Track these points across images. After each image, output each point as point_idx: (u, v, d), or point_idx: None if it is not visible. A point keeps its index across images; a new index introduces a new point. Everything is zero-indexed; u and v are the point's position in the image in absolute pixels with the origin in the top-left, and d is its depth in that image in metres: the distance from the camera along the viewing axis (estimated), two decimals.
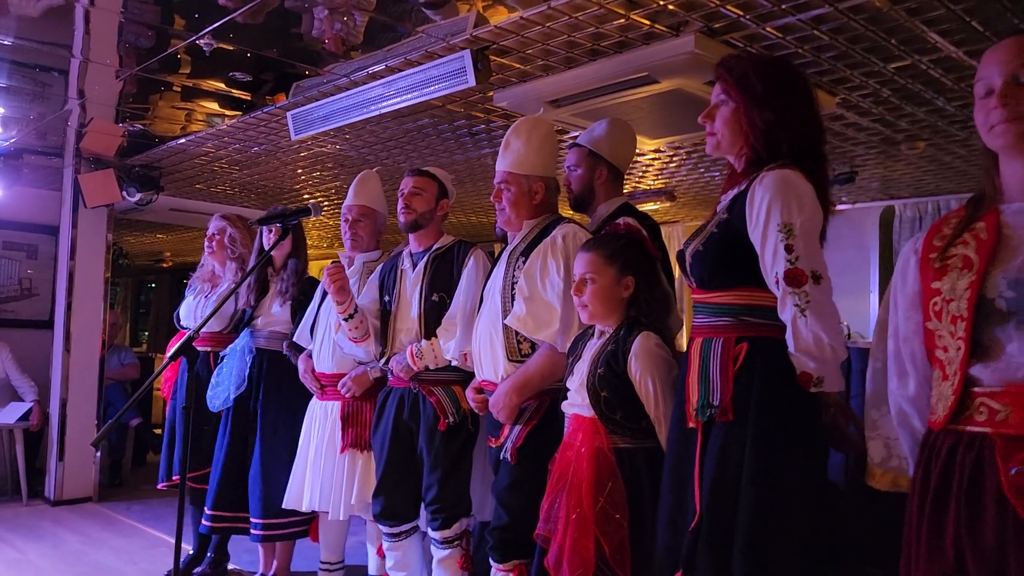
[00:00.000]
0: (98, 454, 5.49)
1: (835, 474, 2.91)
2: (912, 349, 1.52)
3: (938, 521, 1.34)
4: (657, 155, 4.93)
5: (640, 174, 5.52)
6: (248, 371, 3.51)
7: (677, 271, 2.85)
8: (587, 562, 2.00)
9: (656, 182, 5.76)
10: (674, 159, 5.02)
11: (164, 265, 12.09)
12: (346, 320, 2.90)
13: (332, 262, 3.00)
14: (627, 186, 5.64)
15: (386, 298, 2.99)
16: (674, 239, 7.29)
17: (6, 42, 3.56)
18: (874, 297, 6.23)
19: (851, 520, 2.87)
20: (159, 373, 2.51)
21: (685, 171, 5.34)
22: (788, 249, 1.74)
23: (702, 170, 5.26)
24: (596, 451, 2.07)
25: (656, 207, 6.27)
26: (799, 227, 1.74)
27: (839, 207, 6.50)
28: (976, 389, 1.32)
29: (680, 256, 1.99)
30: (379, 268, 3.12)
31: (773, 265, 1.76)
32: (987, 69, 1.39)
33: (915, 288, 1.50)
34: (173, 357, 2.39)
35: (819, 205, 1.83)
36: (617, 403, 2.08)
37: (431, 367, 2.81)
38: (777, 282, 1.76)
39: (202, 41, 3.26)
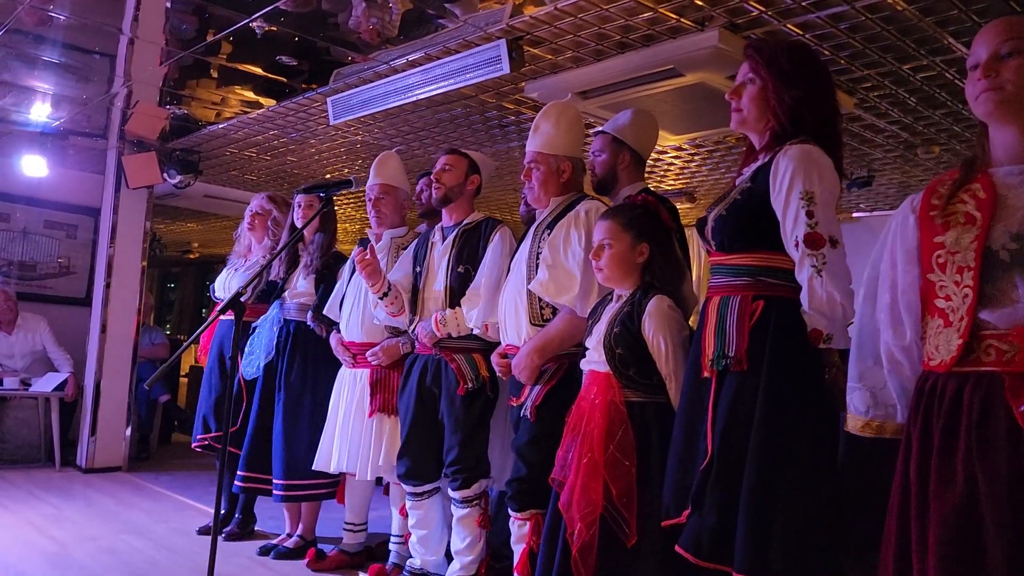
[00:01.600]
0: (128, 430, 5.68)
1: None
2: (909, 300, 1.63)
3: (947, 458, 1.43)
4: (678, 154, 5.09)
5: (661, 174, 5.68)
6: (276, 340, 3.71)
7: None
8: (595, 503, 2.14)
9: (677, 182, 5.91)
10: (695, 158, 5.18)
11: (191, 256, 12.37)
12: (381, 299, 3.09)
13: (357, 244, 3.18)
14: (648, 185, 5.80)
15: (417, 268, 3.16)
16: (694, 241, 7.39)
17: (61, 16, 3.77)
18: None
19: (856, 507, 2.99)
20: (208, 324, 2.68)
21: (706, 171, 5.49)
22: (809, 215, 1.89)
23: (723, 170, 5.41)
24: (609, 403, 2.22)
25: (678, 207, 6.41)
26: (819, 195, 1.90)
27: (857, 215, 6.63)
28: (984, 332, 1.43)
29: (701, 222, 2.14)
30: (415, 242, 3.30)
31: (794, 229, 1.91)
32: (976, 47, 1.54)
33: (914, 243, 1.62)
34: (222, 310, 2.57)
35: (837, 178, 1.98)
36: (631, 360, 2.23)
37: (453, 335, 2.97)
38: (797, 245, 1.90)
39: (255, 24, 3.45)
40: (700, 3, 2.96)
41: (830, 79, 2.12)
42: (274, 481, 3.60)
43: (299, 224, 3.69)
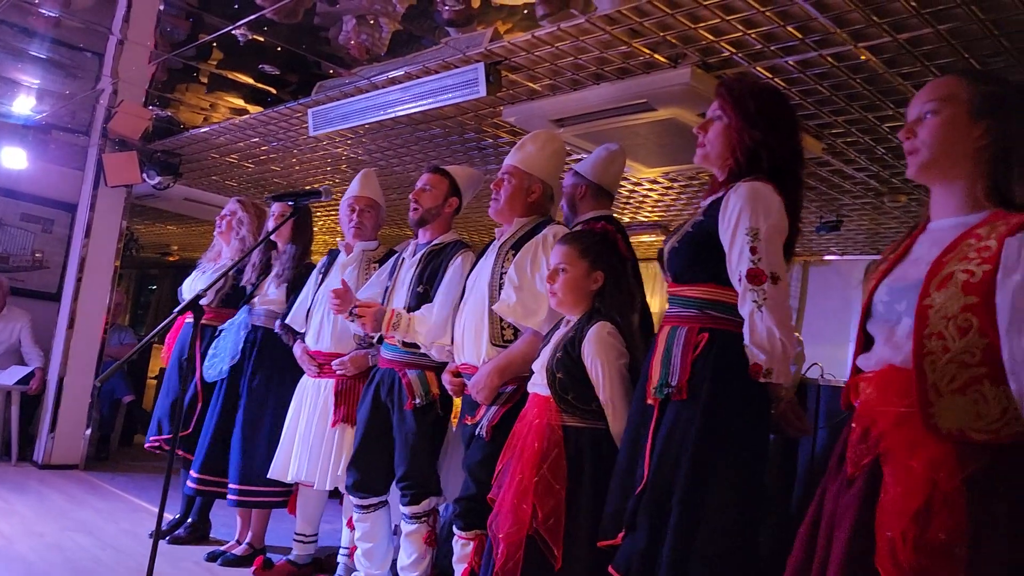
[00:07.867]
0: (88, 430, 5.63)
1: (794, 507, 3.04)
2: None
3: (821, 485, 1.61)
4: (653, 187, 5.16)
5: (636, 206, 5.75)
6: (242, 345, 3.73)
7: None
8: (522, 523, 2.16)
9: (652, 214, 5.99)
10: (669, 192, 5.25)
11: (170, 259, 12.33)
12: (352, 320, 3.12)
13: (327, 255, 3.21)
14: (623, 218, 5.87)
15: (387, 284, 3.20)
16: (650, 271, 7.43)
17: (52, 13, 3.80)
18: (851, 346, 6.42)
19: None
20: (165, 325, 2.69)
21: (680, 205, 5.57)
22: (752, 251, 1.95)
23: (696, 205, 5.48)
24: (545, 425, 2.25)
25: (652, 239, 6.50)
26: (764, 232, 1.96)
27: (828, 257, 6.73)
28: (858, 376, 1.59)
29: (660, 252, 2.20)
30: (391, 260, 3.34)
31: (738, 264, 1.97)
32: (908, 109, 1.62)
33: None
34: (181, 311, 2.59)
35: (785, 216, 2.04)
36: (569, 384, 2.25)
37: (398, 338, 3.00)
38: (740, 279, 1.96)
39: (238, 32, 3.50)
40: (674, 40, 3.04)
41: (795, 124, 2.16)
42: (229, 485, 3.59)
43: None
